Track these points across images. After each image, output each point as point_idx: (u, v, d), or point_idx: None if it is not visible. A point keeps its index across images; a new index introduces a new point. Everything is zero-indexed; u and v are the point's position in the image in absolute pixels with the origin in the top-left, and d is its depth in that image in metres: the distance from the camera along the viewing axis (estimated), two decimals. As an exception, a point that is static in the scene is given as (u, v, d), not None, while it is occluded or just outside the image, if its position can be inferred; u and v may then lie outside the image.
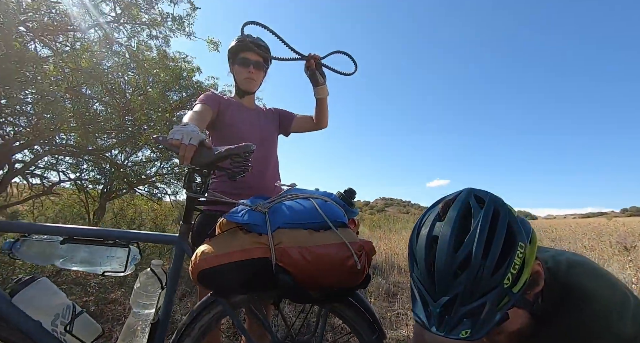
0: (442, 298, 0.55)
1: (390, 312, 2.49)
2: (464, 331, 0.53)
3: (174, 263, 0.92)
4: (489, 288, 0.53)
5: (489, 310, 0.53)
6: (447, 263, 0.55)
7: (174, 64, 4.23)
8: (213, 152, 0.86)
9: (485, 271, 0.53)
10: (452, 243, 0.56)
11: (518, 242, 0.55)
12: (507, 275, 0.54)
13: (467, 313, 0.53)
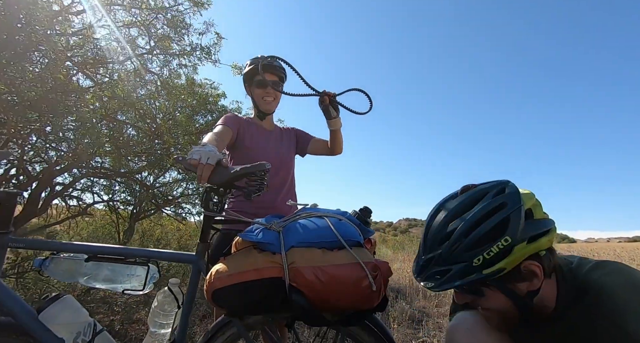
0: (427, 255, 0.70)
1: (415, 340, 2.35)
2: (430, 283, 0.70)
3: (190, 282, 0.93)
4: (458, 261, 0.66)
5: (450, 276, 0.66)
6: (437, 231, 0.71)
7: (200, 90, 4.50)
8: (229, 171, 0.89)
9: (461, 247, 0.66)
10: (448, 218, 0.70)
11: (505, 236, 0.64)
12: (478, 257, 0.64)
13: (436, 272, 0.69)
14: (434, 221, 0.73)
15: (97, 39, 3.57)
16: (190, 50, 3.76)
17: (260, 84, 1.40)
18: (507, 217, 0.65)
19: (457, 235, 0.66)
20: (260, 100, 1.43)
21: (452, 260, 0.67)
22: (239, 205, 1.34)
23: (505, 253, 0.64)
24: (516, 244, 0.64)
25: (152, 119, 4.26)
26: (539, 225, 0.67)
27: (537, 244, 0.65)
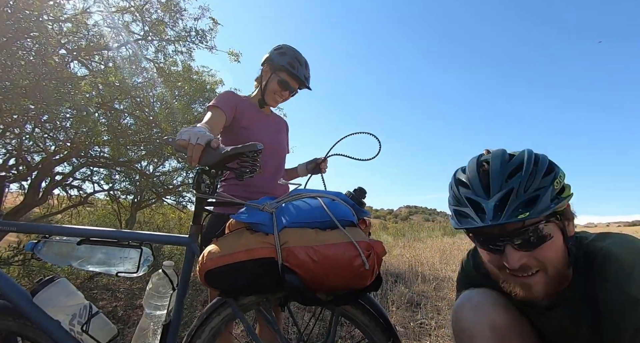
0: (501, 192, 0.64)
1: (413, 321, 2.38)
2: (524, 214, 0.61)
3: (184, 264, 0.92)
4: (541, 186, 0.63)
5: (543, 201, 0.62)
6: (503, 167, 0.67)
7: (197, 77, 4.44)
8: (220, 151, 0.87)
9: (537, 174, 0.65)
10: (505, 156, 0.69)
11: (557, 168, 0.67)
12: (556, 179, 0.64)
13: (523, 202, 0.62)
14: (488, 165, 0.69)
15: (90, 25, 3.49)
16: (185, 34, 3.68)
17: (283, 85, 1.36)
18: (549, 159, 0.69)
19: (530, 164, 0.66)
20: (271, 95, 1.39)
21: (535, 187, 0.64)
22: (231, 189, 1.33)
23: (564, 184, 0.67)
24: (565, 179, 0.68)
25: (149, 108, 4.22)
26: None
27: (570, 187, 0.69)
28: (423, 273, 3.87)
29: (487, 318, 0.75)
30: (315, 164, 1.44)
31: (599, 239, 0.69)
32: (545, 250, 0.64)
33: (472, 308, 0.79)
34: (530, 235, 0.64)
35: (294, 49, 1.38)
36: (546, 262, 0.65)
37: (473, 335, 0.76)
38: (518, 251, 0.65)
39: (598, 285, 0.63)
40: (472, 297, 0.81)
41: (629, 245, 0.64)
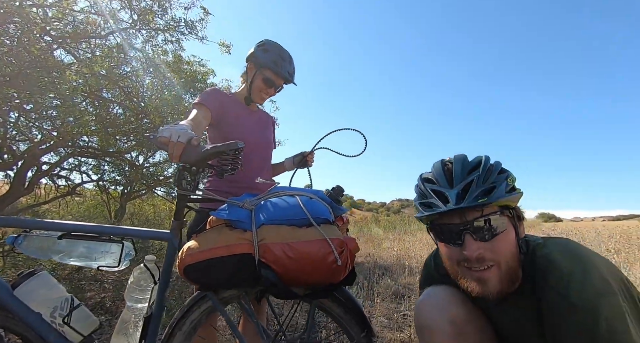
0: (464, 182, 0.73)
1: (397, 313, 2.45)
2: (483, 199, 0.69)
3: (166, 259, 0.95)
4: (497, 180, 0.72)
5: (499, 190, 0.71)
6: (465, 164, 0.76)
7: (188, 68, 4.37)
8: (201, 149, 0.88)
9: (493, 171, 0.74)
10: (465, 159, 0.78)
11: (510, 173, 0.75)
12: (510, 177, 0.73)
13: (482, 191, 0.71)
14: (451, 165, 0.78)
15: (76, 12, 3.40)
16: (174, 24, 3.61)
17: (268, 83, 1.36)
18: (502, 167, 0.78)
19: (487, 163, 0.75)
20: (257, 92, 1.39)
21: (491, 180, 0.72)
22: (217, 184, 1.34)
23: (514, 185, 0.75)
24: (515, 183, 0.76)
25: (138, 98, 4.16)
26: None
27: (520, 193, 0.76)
28: (410, 266, 3.96)
29: (446, 313, 0.80)
30: (302, 157, 1.45)
31: (545, 245, 0.73)
32: (499, 243, 0.70)
33: (432, 304, 0.83)
34: (487, 225, 0.70)
35: (277, 44, 1.37)
36: (500, 256, 0.70)
37: (433, 330, 0.80)
38: (476, 241, 0.70)
39: (541, 290, 0.67)
40: (432, 294, 0.86)
41: (570, 253, 0.68)
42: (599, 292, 0.60)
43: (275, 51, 1.34)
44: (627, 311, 0.60)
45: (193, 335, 0.97)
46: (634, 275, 3.08)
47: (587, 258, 0.66)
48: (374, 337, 0.95)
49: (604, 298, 0.59)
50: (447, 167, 0.78)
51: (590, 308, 0.59)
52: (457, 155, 0.80)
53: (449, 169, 0.77)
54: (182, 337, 0.94)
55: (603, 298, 0.59)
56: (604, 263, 0.67)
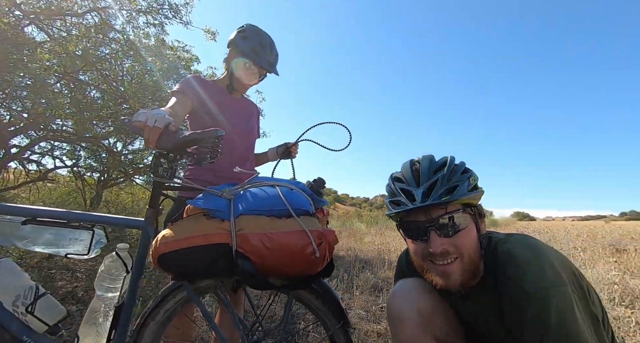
0: (429, 181, 0.76)
1: (375, 305, 2.50)
2: (446, 197, 0.73)
3: (139, 247, 0.92)
4: (460, 180, 0.76)
5: (462, 188, 0.74)
6: (431, 164, 0.80)
7: (172, 53, 4.22)
8: (178, 135, 0.85)
9: (457, 170, 0.78)
10: (432, 159, 0.82)
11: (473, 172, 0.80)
12: (472, 177, 0.77)
13: (446, 190, 0.74)
14: (419, 165, 0.82)
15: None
16: (157, 6, 3.46)
17: (248, 71, 1.32)
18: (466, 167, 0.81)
19: (452, 163, 0.79)
20: (238, 82, 1.35)
21: (455, 179, 0.76)
22: (197, 173, 1.31)
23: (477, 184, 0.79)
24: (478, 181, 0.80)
25: (117, 82, 3.99)
26: None
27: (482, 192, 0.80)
28: (390, 260, 4.04)
29: (416, 304, 0.84)
30: (286, 148, 1.43)
31: (506, 241, 0.77)
32: (462, 238, 0.74)
33: (402, 296, 0.87)
34: (450, 222, 0.74)
35: (258, 30, 1.31)
36: (462, 250, 0.74)
37: (403, 318, 0.84)
38: (440, 237, 0.74)
39: (502, 284, 0.71)
40: (402, 287, 0.89)
41: (527, 247, 0.72)
42: (551, 283, 0.64)
43: (255, 38, 1.28)
44: (575, 300, 0.64)
45: (167, 325, 0.95)
46: (598, 272, 3.27)
47: (542, 252, 0.70)
48: (350, 328, 0.96)
49: (556, 288, 0.63)
50: (415, 167, 0.81)
51: (543, 297, 0.63)
52: (425, 156, 0.83)
53: (416, 169, 0.81)
54: (155, 327, 0.92)
55: (554, 288, 0.63)
56: (557, 256, 0.72)
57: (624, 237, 6.95)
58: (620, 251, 4.87)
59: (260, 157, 1.55)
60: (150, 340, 0.91)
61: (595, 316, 0.67)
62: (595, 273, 3.19)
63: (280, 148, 1.46)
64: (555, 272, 0.66)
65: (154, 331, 0.91)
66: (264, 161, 1.55)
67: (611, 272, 3.10)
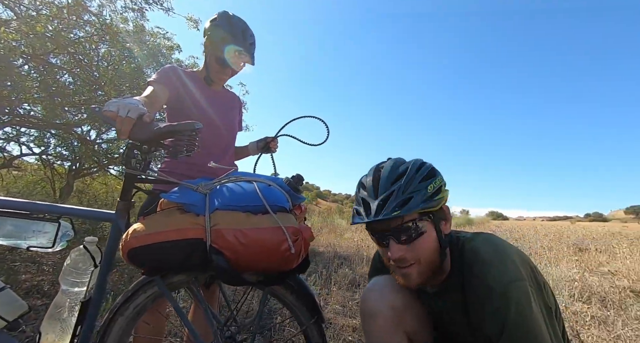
0: (384, 194, 0.77)
1: (352, 301, 2.55)
2: (396, 212, 0.74)
3: (109, 241, 0.89)
4: (416, 189, 0.76)
5: (414, 201, 0.75)
6: (391, 173, 0.80)
7: (151, 40, 4.06)
8: (153, 127, 0.83)
9: (417, 179, 0.78)
10: (395, 165, 0.82)
11: (437, 175, 0.81)
12: (431, 185, 0.78)
13: (398, 203, 0.75)
14: (381, 172, 0.82)
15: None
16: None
17: (222, 63, 1.27)
18: (433, 166, 0.83)
19: (412, 171, 0.79)
20: (214, 73, 1.31)
21: (411, 190, 0.77)
22: (173, 166, 1.27)
23: (440, 188, 0.80)
24: (443, 185, 0.81)
25: (92, 67, 3.80)
26: None
27: (447, 191, 0.82)
28: (368, 257, 4.11)
29: (388, 300, 0.86)
30: (265, 143, 1.42)
31: (472, 239, 0.81)
32: (419, 245, 0.77)
33: (376, 292, 0.89)
34: (407, 231, 0.77)
35: (231, 17, 1.25)
36: (420, 255, 0.77)
37: (376, 314, 0.86)
38: (398, 244, 0.77)
39: (467, 279, 0.75)
40: (376, 283, 0.92)
41: (491, 245, 0.77)
42: (512, 278, 0.68)
43: (226, 27, 1.23)
44: (532, 294, 0.69)
45: (137, 321, 0.93)
46: (561, 269, 3.46)
47: (505, 250, 0.75)
48: (324, 323, 0.98)
49: (515, 283, 0.68)
50: (376, 176, 0.82)
51: (504, 291, 0.67)
52: (389, 162, 0.84)
53: (376, 178, 0.82)
54: (124, 322, 0.90)
55: (514, 282, 0.68)
56: (518, 253, 0.76)
57: (586, 237, 7.40)
58: (582, 250, 5.19)
59: (241, 150, 1.52)
60: (118, 336, 0.88)
61: (549, 308, 0.72)
62: (559, 270, 3.38)
63: (260, 142, 1.45)
64: (515, 267, 0.70)
65: (122, 327, 0.89)
66: (245, 155, 1.53)
67: (573, 270, 3.30)
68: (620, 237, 8.05)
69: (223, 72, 1.31)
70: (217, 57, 1.27)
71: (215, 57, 1.27)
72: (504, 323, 0.66)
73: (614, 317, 2.31)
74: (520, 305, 0.66)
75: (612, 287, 3.01)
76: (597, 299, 2.70)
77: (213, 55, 1.27)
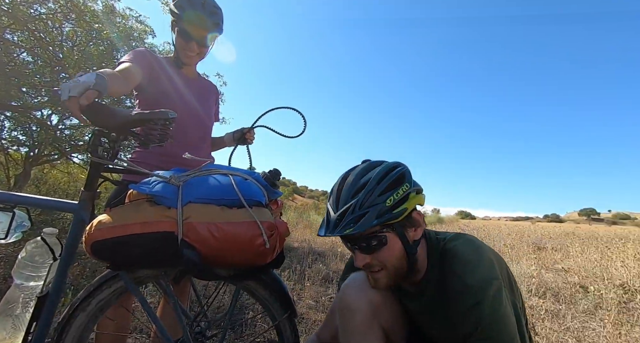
0: (341, 209, 0.77)
1: (325, 296, 2.57)
2: (349, 230, 0.74)
3: (70, 233, 0.83)
4: (374, 204, 0.75)
5: (368, 217, 0.74)
6: (352, 184, 0.79)
7: (122, 21, 3.82)
8: (122, 114, 0.78)
9: (376, 192, 0.76)
10: (359, 175, 0.80)
11: (404, 183, 0.78)
12: (389, 198, 0.75)
13: (352, 219, 0.75)
14: (346, 181, 0.82)
15: None
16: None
17: (184, 36, 1.20)
18: (403, 171, 0.81)
19: (372, 184, 0.77)
20: (182, 51, 1.24)
21: (368, 204, 0.75)
22: (145, 156, 1.21)
23: (405, 197, 0.77)
24: (411, 191, 0.79)
25: (55, 47, 3.53)
26: (417, 184, 0.83)
27: (419, 197, 0.81)
28: (342, 253, 4.16)
29: (367, 296, 0.88)
30: (242, 134, 1.38)
31: (453, 239, 0.84)
32: (382, 254, 0.78)
33: (355, 287, 0.91)
34: (369, 241, 0.77)
35: None
36: (385, 263, 0.79)
37: (354, 310, 0.87)
38: (362, 254, 0.80)
39: (447, 276, 0.77)
40: (356, 278, 0.93)
41: (470, 245, 0.80)
42: (488, 277, 0.72)
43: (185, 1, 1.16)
44: (505, 292, 0.72)
45: (99, 317, 0.88)
46: (521, 266, 3.70)
47: (482, 250, 0.78)
48: (297, 318, 0.98)
49: (491, 281, 0.71)
50: (340, 186, 0.82)
51: (479, 288, 0.70)
52: (356, 170, 0.83)
53: (340, 189, 0.81)
54: (85, 319, 0.85)
55: (490, 282, 0.71)
56: (494, 254, 0.80)
57: (544, 237, 7.96)
58: (540, 249, 5.58)
59: (217, 141, 1.48)
60: (78, 333, 0.84)
61: (517, 305, 0.76)
62: (519, 267, 3.61)
63: (236, 133, 1.40)
64: (492, 267, 0.74)
65: (83, 323, 0.84)
66: (221, 146, 1.49)
67: (531, 267, 3.53)
68: (574, 237, 8.73)
69: (188, 47, 1.22)
70: (180, 30, 1.19)
71: (178, 31, 1.20)
72: (479, 320, 0.68)
73: (565, 310, 2.50)
74: (494, 303, 0.69)
75: (565, 283, 3.26)
76: (551, 294, 2.90)
77: (177, 31, 1.20)
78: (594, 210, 79.94)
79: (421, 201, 0.81)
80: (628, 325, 2.20)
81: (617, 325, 2.17)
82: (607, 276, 3.44)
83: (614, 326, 2.14)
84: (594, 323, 2.24)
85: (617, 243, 6.44)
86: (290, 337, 0.96)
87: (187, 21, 1.17)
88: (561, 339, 1.98)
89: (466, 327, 0.70)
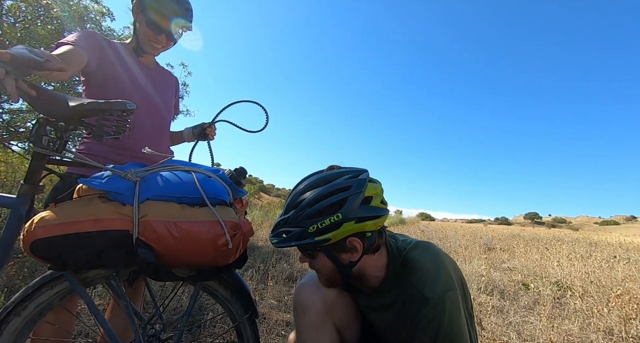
0: (282, 217, 0.80)
1: (288, 295, 2.57)
2: (275, 240, 0.80)
3: (6, 229, 0.75)
4: (299, 225, 0.76)
5: (290, 236, 0.77)
6: (294, 198, 0.80)
7: (76, 1, 3.51)
8: (73, 102, 0.72)
9: (304, 215, 0.76)
10: (304, 189, 0.80)
11: (337, 213, 0.74)
12: (313, 225, 0.75)
13: (282, 231, 0.78)
14: (296, 190, 0.82)
15: None
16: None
17: (153, 28, 1.12)
18: (345, 198, 0.75)
19: (303, 205, 0.76)
20: (146, 41, 1.16)
21: (295, 224, 0.77)
22: (96, 148, 1.11)
23: (335, 226, 0.74)
24: (345, 221, 0.74)
25: (-6, 21, 3.15)
26: (371, 210, 0.77)
27: (363, 225, 0.76)
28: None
29: (321, 294, 0.90)
30: (202, 129, 1.31)
31: (413, 248, 0.86)
32: (317, 261, 0.82)
33: (310, 285, 0.93)
34: (302, 250, 0.83)
35: None
36: (319, 269, 0.84)
37: (309, 308, 0.89)
38: (304, 256, 0.85)
39: (406, 287, 0.79)
40: (312, 277, 0.95)
41: (429, 255, 0.81)
42: (446, 288, 0.75)
43: None
44: (461, 301, 0.76)
45: (37, 321, 0.81)
46: (473, 266, 3.97)
47: (441, 260, 0.81)
48: (258, 318, 0.97)
49: (448, 293, 0.74)
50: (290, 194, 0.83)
51: (438, 301, 0.73)
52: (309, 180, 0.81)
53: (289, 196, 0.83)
54: (21, 324, 0.78)
55: (447, 293, 0.74)
56: (451, 262, 0.83)
57: (494, 238, 8.61)
58: (490, 249, 6.04)
59: (176, 136, 1.39)
60: (12, 340, 0.76)
61: (467, 308, 0.80)
62: (471, 267, 3.87)
63: (196, 129, 1.33)
64: (449, 277, 0.77)
65: (17, 328, 0.77)
66: (179, 141, 1.40)
67: (482, 266, 3.80)
68: (519, 238, 9.53)
69: (156, 39, 1.16)
70: (148, 20, 1.12)
71: (146, 21, 1.12)
72: (437, 332, 0.71)
73: (508, 306, 2.73)
74: (452, 314, 0.72)
75: (510, 281, 3.55)
76: (497, 291, 3.15)
77: (143, 19, 1.12)
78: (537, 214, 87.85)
79: (367, 227, 0.76)
80: (559, 318, 2.45)
81: (550, 319, 2.41)
82: (544, 274, 3.81)
83: (548, 320, 2.37)
84: (532, 318, 2.46)
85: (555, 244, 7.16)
86: (250, 338, 0.95)
87: (153, 9, 1.10)
88: (504, 333, 2.16)
89: (425, 337, 0.73)
